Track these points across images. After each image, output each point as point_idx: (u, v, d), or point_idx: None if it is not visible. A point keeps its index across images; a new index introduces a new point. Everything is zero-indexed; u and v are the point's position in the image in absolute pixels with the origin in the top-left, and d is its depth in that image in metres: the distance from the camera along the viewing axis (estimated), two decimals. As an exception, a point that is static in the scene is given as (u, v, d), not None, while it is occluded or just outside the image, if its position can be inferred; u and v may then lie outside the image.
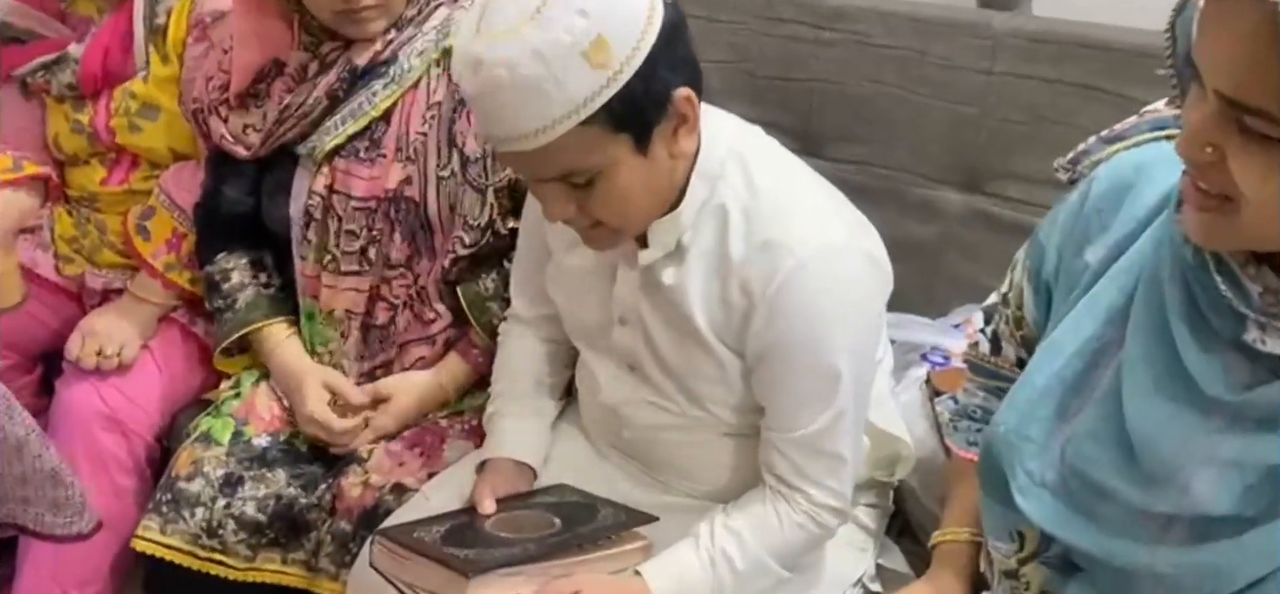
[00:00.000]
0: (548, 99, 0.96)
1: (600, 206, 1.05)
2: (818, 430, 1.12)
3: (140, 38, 1.56)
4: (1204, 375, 0.81)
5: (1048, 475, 0.92)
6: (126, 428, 1.56)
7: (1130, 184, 0.93)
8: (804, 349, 1.09)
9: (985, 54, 1.60)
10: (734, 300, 1.10)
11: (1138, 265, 0.90)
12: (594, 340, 1.25)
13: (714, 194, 1.10)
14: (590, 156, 1.01)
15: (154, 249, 1.59)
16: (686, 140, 1.06)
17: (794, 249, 1.06)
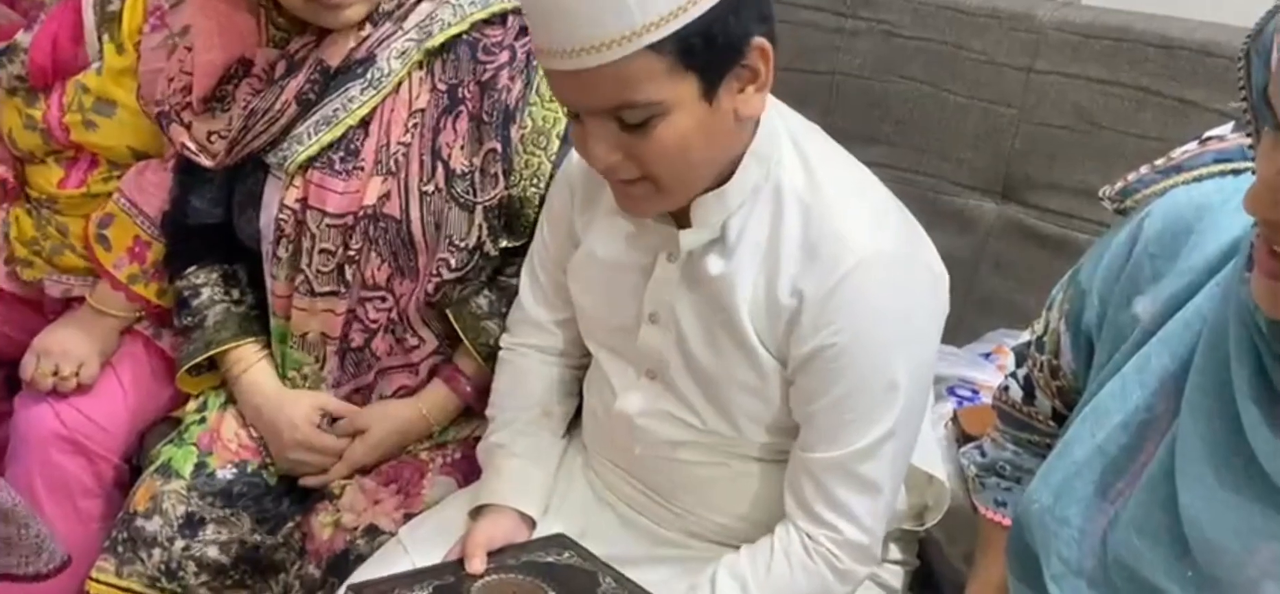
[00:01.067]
0: (620, 9, 0.91)
1: (651, 154, 0.98)
2: (858, 451, 1.05)
3: (91, 25, 1.50)
4: (1275, 465, 0.73)
5: (1086, 564, 0.86)
6: (89, 451, 1.52)
7: (1189, 227, 0.86)
8: (858, 357, 1.03)
9: (1027, 49, 1.52)
10: (783, 300, 1.04)
11: (1196, 326, 0.82)
12: (615, 343, 1.18)
13: (769, 178, 1.05)
14: (652, 91, 0.95)
15: (115, 258, 1.53)
16: (755, 100, 1.00)
17: (855, 248, 1.01)
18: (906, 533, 1.25)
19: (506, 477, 1.23)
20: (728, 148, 1.02)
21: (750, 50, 0.97)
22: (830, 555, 1.07)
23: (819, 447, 1.06)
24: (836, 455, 1.05)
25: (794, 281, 1.03)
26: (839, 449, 1.05)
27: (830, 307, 1.01)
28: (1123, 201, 0.95)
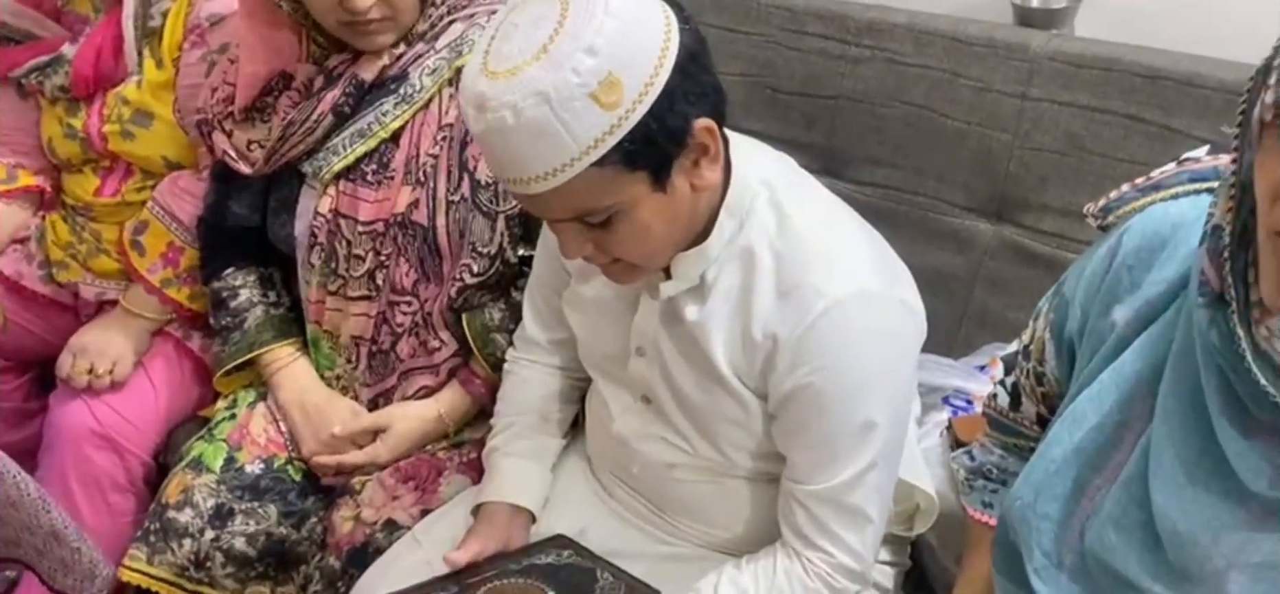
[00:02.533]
0: (556, 142, 0.92)
1: (618, 245, 1.01)
2: (843, 484, 1.07)
3: (131, 39, 1.55)
4: (1244, 467, 0.77)
5: (1066, 558, 0.88)
6: (121, 447, 1.56)
7: (1165, 241, 0.89)
8: (834, 398, 1.04)
9: (1021, 77, 1.54)
10: (758, 342, 1.05)
11: (1169, 335, 0.85)
12: (609, 369, 1.22)
13: (743, 231, 1.06)
14: (606, 197, 0.96)
15: (149, 263, 1.57)
16: (709, 171, 1.01)
17: (824, 292, 1.02)
18: (897, 537, 1.28)
19: (505, 475, 1.26)
20: (694, 216, 1.03)
21: (693, 134, 0.97)
22: (827, 576, 1.10)
23: (806, 480, 1.08)
24: (823, 488, 1.07)
25: (767, 324, 1.04)
26: (825, 482, 1.07)
27: (804, 349, 1.02)
28: (1105, 218, 0.97)
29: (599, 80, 0.91)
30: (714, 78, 1.00)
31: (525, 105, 0.90)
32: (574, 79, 0.90)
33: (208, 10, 1.52)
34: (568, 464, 1.34)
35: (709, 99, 0.98)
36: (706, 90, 0.98)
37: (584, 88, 0.90)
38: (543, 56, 0.90)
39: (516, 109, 0.91)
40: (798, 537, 1.10)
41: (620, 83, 0.91)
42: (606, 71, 0.91)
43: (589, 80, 0.90)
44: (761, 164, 1.09)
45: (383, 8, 1.29)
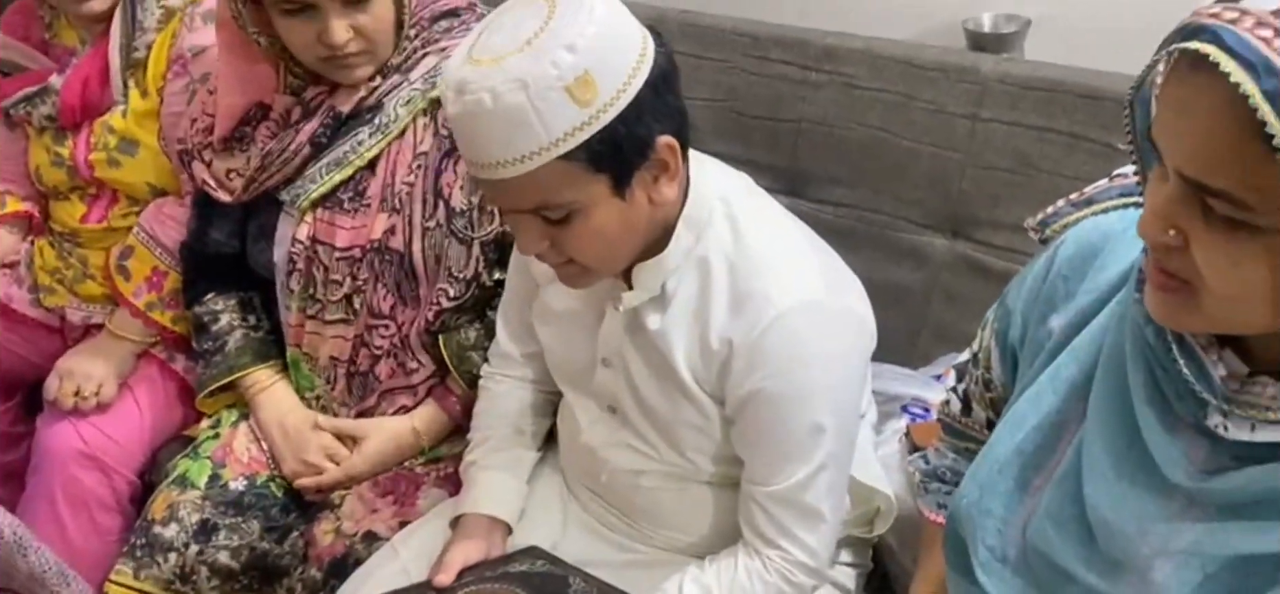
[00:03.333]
0: (528, 129, 0.95)
1: (573, 244, 1.04)
2: (797, 484, 1.11)
3: (116, 69, 1.57)
4: (1166, 459, 0.79)
5: (1009, 552, 0.90)
6: (106, 466, 1.57)
7: (1097, 251, 0.91)
8: (784, 401, 1.08)
9: (972, 99, 1.58)
10: (714, 348, 1.09)
11: (1100, 340, 0.88)
12: (577, 381, 1.24)
13: (700, 242, 1.09)
14: (567, 192, 1.00)
15: (134, 287, 1.59)
16: (667, 188, 1.05)
17: (775, 300, 1.06)
18: (858, 539, 1.31)
19: (481, 487, 1.29)
20: (649, 228, 1.07)
21: (656, 149, 1.01)
22: (785, 572, 1.13)
23: (763, 481, 1.12)
24: (778, 489, 1.11)
25: (723, 332, 1.08)
26: (780, 483, 1.10)
27: (757, 356, 1.06)
28: (1043, 231, 1.00)
29: (576, 76, 0.94)
30: (681, 103, 1.04)
31: (504, 90, 0.94)
32: (552, 71, 0.94)
33: (190, 41, 1.54)
34: (542, 476, 1.36)
35: (674, 120, 1.03)
36: (673, 112, 1.02)
37: (561, 80, 0.94)
38: (527, 48, 0.94)
39: (495, 93, 0.94)
40: (757, 536, 1.13)
41: (595, 83, 0.95)
42: (583, 69, 0.94)
43: (566, 74, 0.94)
44: (719, 180, 1.13)
45: (360, 42, 1.32)
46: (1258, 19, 0.64)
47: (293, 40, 1.34)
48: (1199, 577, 0.78)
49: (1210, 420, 0.76)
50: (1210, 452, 0.77)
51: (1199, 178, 0.68)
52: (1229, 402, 0.75)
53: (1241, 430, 0.75)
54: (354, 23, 1.30)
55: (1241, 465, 0.75)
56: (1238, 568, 0.76)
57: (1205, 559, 0.77)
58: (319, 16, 1.29)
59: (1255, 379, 0.75)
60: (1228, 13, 0.66)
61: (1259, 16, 0.65)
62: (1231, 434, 0.75)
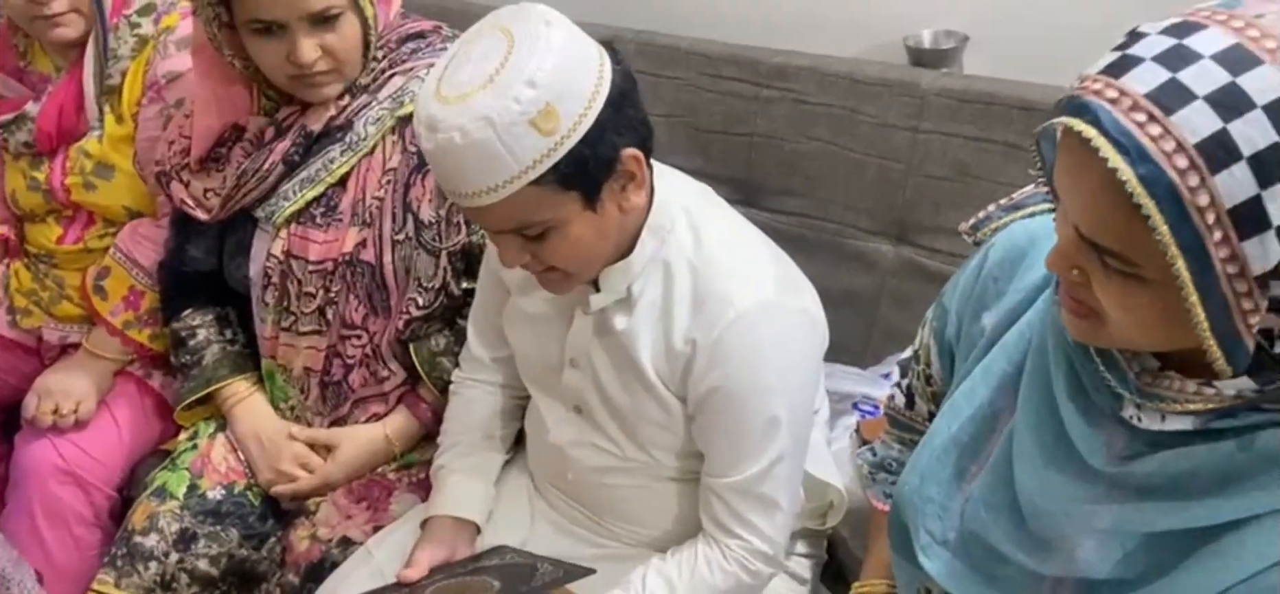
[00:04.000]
0: (499, 162, 0.99)
1: (552, 256, 1.08)
2: (754, 475, 1.14)
3: (91, 95, 1.58)
4: (1087, 447, 0.83)
5: (949, 536, 0.94)
6: (85, 482, 1.58)
7: (1024, 253, 0.95)
8: (742, 396, 1.12)
9: (913, 112, 1.63)
10: (678, 348, 1.13)
11: (1028, 336, 0.92)
12: (545, 382, 1.27)
13: (663, 247, 1.13)
14: (541, 212, 1.03)
15: (112, 307, 1.60)
16: (635, 195, 1.09)
17: (734, 301, 1.10)
18: (813, 531, 1.35)
19: (450, 490, 1.31)
20: (621, 234, 1.11)
21: (622, 162, 1.05)
22: (743, 560, 1.17)
23: (722, 473, 1.16)
24: (737, 480, 1.15)
25: (686, 332, 1.12)
26: (738, 474, 1.14)
27: (717, 354, 1.10)
28: (976, 234, 1.04)
29: (538, 109, 0.98)
30: (642, 113, 1.08)
31: (472, 128, 0.97)
32: (516, 107, 0.97)
33: (165, 68, 1.56)
34: (510, 478, 1.39)
35: (637, 132, 1.07)
36: (634, 124, 1.06)
37: (525, 115, 0.98)
38: (490, 86, 0.98)
39: (464, 131, 0.97)
40: (717, 526, 1.17)
41: (557, 112, 0.99)
42: (545, 102, 0.98)
43: (529, 108, 0.97)
44: (681, 190, 1.17)
45: (328, 61, 1.34)
46: (1134, 102, 0.68)
47: (263, 60, 1.36)
48: (1119, 553, 0.82)
49: (1125, 411, 0.81)
50: (1128, 439, 0.81)
51: (1090, 237, 0.73)
52: (1142, 395, 0.79)
53: (1153, 421, 0.79)
54: (322, 42, 1.32)
55: (1155, 450, 0.80)
56: (1153, 544, 0.80)
57: (1124, 537, 0.81)
58: (288, 37, 1.31)
59: (1165, 373, 0.79)
60: (1109, 91, 0.69)
61: (1135, 99, 0.68)
62: (1144, 424, 0.79)
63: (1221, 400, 0.75)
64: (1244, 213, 0.67)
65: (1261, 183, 0.66)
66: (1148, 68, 0.68)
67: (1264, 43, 0.67)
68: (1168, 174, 0.67)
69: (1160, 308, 0.72)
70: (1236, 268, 0.68)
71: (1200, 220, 0.67)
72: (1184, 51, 0.68)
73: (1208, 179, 0.66)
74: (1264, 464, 0.75)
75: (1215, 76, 0.67)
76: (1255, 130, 0.66)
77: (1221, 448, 0.76)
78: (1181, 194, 0.67)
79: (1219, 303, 0.69)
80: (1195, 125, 0.66)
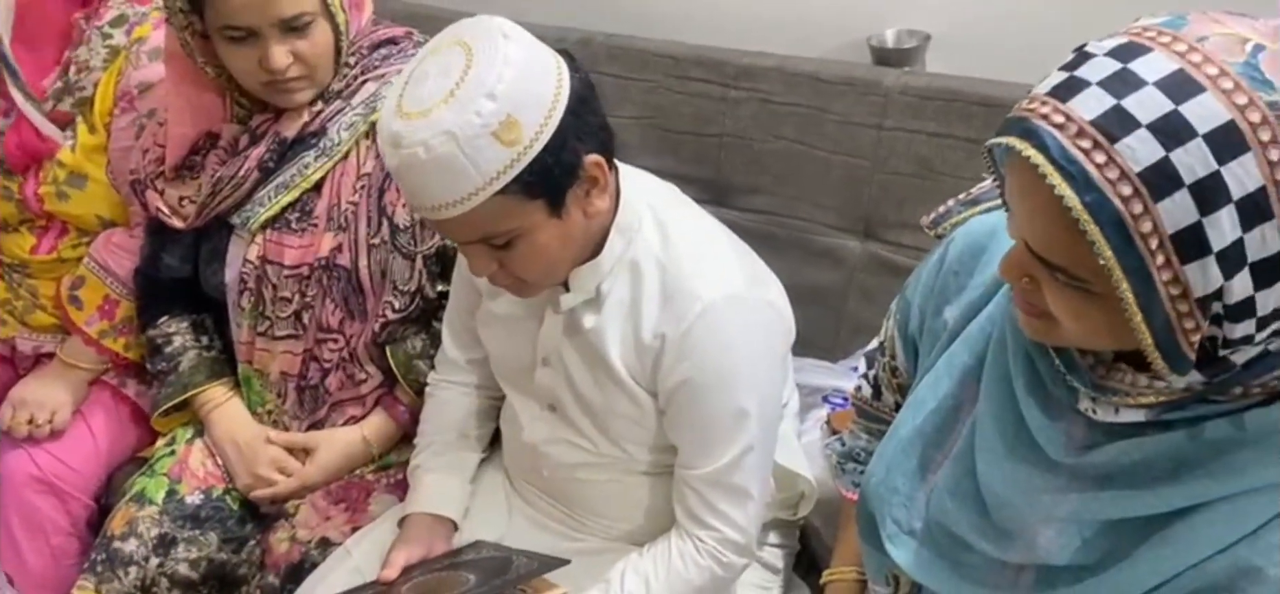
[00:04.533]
0: (462, 174, 0.99)
1: (519, 264, 1.08)
2: (725, 466, 1.15)
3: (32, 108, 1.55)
4: (1047, 440, 0.85)
5: (914, 525, 0.95)
6: (62, 492, 1.56)
7: (983, 248, 0.97)
8: (711, 389, 1.13)
9: (877, 111, 1.64)
10: (647, 343, 1.13)
11: (988, 329, 0.94)
12: (518, 381, 1.28)
13: (631, 247, 1.14)
14: (507, 222, 1.04)
15: (87, 316, 1.59)
16: (599, 200, 1.09)
17: (701, 295, 1.11)
18: (785, 521, 1.37)
19: (427, 488, 1.32)
20: (587, 238, 1.11)
21: (584, 168, 1.05)
22: (716, 552, 1.18)
23: (693, 465, 1.17)
24: (708, 471, 1.16)
25: (655, 327, 1.13)
26: (710, 465, 1.15)
27: (686, 347, 1.11)
28: (936, 228, 1.06)
29: (499, 121, 0.98)
30: (602, 118, 1.09)
31: (435, 142, 0.98)
32: (477, 120, 0.98)
33: (137, 78, 1.54)
34: (486, 476, 1.39)
35: (598, 137, 1.07)
36: (595, 129, 1.07)
37: (486, 127, 0.98)
38: (450, 100, 0.98)
39: (427, 146, 0.98)
40: (690, 518, 1.18)
41: (518, 123, 0.99)
42: (506, 114, 0.98)
43: (490, 121, 0.98)
44: (647, 189, 1.18)
45: (299, 67, 1.34)
46: (1079, 128, 0.69)
47: (236, 66, 1.35)
48: (1078, 541, 0.83)
49: (1081, 404, 0.82)
50: (1085, 431, 0.83)
51: (1039, 253, 0.75)
52: (1096, 389, 0.81)
53: (1107, 413, 0.81)
54: (293, 48, 1.32)
55: (1111, 441, 0.81)
56: (1110, 531, 0.82)
57: (1083, 525, 0.83)
58: (260, 43, 1.31)
59: (1118, 367, 0.81)
60: (1056, 116, 0.70)
61: (1081, 125, 0.69)
62: (1100, 416, 0.81)
63: (1171, 394, 0.77)
64: (1186, 238, 0.68)
65: (1202, 210, 0.68)
66: (1094, 93, 0.69)
67: (1206, 69, 0.68)
68: (1113, 202, 0.68)
69: (1107, 318, 0.74)
70: (1179, 290, 0.70)
71: (1144, 246, 0.69)
72: (1129, 77, 0.69)
73: (1151, 206, 0.68)
74: (1212, 453, 0.77)
75: (1158, 104, 0.68)
76: (1196, 159, 0.67)
77: (1172, 438, 0.78)
78: (1126, 221, 0.68)
79: (1162, 321, 0.71)
80: (1139, 154, 0.68)
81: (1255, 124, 0.67)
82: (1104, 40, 0.72)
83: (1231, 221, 0.68)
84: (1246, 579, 0.76)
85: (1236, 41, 0.69)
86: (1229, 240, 0.68)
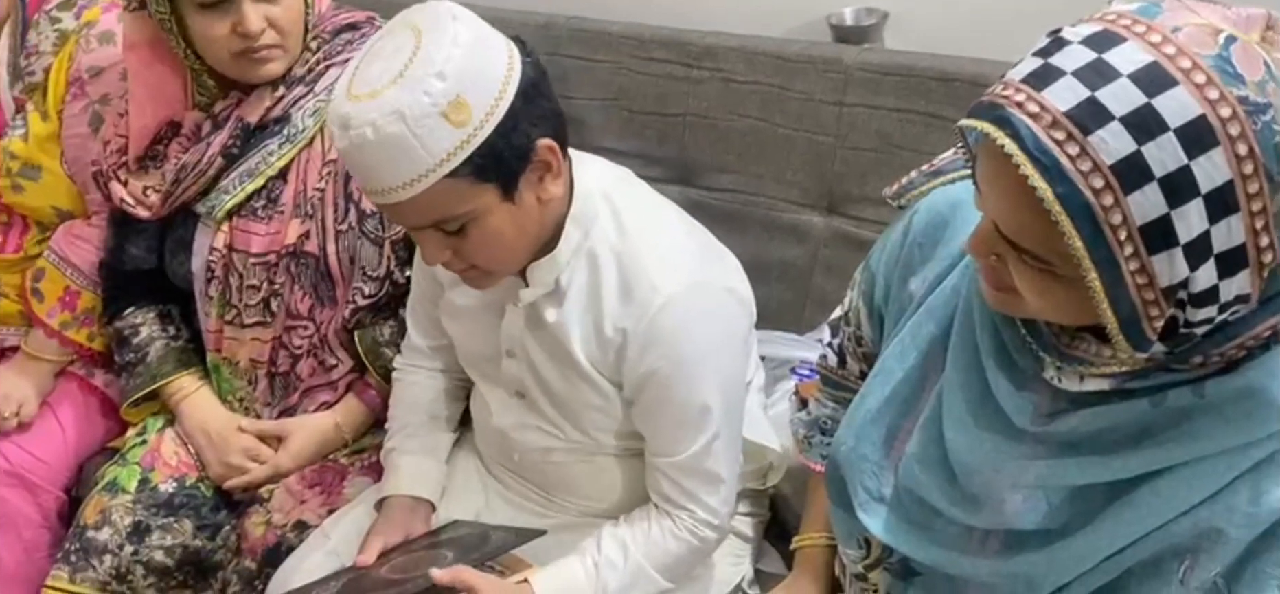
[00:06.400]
0: (412, 155, 0.97)
1: (473, 251, 1.06)
2: (695, 453, 1.15)
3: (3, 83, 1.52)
4: (1013, 408, 0.85)
5: (885, 491, 0.96)
6: (32, 484, 1.53)
7: (946, 220, 0.96)
8: (676, 381, 1.12)
9: (837, 87, 1.64)
10: (609, 336, 1.12)
11: (953, 299, 0.94)
12: (485, 370, 1.27)
13: (588, 238, 1.12)
14: (459, 206, 1.02)
15: (48, 308, 1.55)
16: (553, 185, 1.07)
17: (660, 287, 1.10)
18: (755, 491, 1.37)
19: (403, 471, 1.30)
20: (541, 226, 1.09)
21: (537, 152, 1.03)
22: (692, 529, 1.18)
23: (665, 453, 1.16)
24: (680, 459, 1.15)
25: (616, 321, 1.11)
26: (680, 454, 1.15)
27: (649, 339, 1.10)
28: (900, 199, 1.05)
29: (448, 101, 0.97)
30: (555, 104, 1.07)
31: (383, 123, 0.96)
32: (426, 99, 0.96)
33: (88, 62, 1.50)
34: (460, 457, 1.38)
35: (550, 122, 1.05)
36: (547, 114, 1.05)
37: (435, 107, 0.96)
38: (399, 80, 0.96)
39: (376, 126, 0.96)
40: (665, 501, 1.18)
41: (468, 104, 0.97)
42: (455, 94, 0.97)
43: (439, 101, 0.96)
44: (601, 177, 1.16)
45: (273, 34, 1.32)
46: (1053, 119, 0.68)
47: (210, 35, 1.31)
48: (1044, 506, 0.84)
49: (1046, 373, 0.83)
50: (1051, 399, 0.83)
51: (1008, 236, 0.74)
52: (1061, 358, 0.82)
53: (1072, 382, 0.81)
54: (267, 14, 1.30)
55: (1076, 409, 0.82)
56: (1074, 496, 0.83)
57: (1049, 490, 0.84)
58: (234, 8, 1.28)
59: (1082, 336, 0.82)
60: (1031, 105, 0.69)
61: (1055, 116, 0.68)
62: (1064, 385, 0.82)
63: (1134, 363, 0.78)
64: (1154, 230, 0.68)
65: (1171, 203, 0.68)
66: (1068, 83, 0.69)
67: (1179, 61, 0.68)
68: (1084, 193, 0.68)
69: (1072, 298, 0.74)
70: (1145, 279, 0.70)
71: (1113, 236, 0.69)
72: (1103, 68, 0.69)
73: (1121, 199, 0.68)
74: (1174, 420, 0.78)
75: (1132, 97, 0.67)
76: (1166, 153, 0.67)
77: (1135, 406, 0.79)
78: (1096, 212, 0.68)
79: (1128, 307, 0.71)
80: (1111, 147, 0.67)
81: (1225, 119, 0.67)
82: (1080, 26, 0.72)
83: (1199, 214, 0.68)
84: (1207, 540, 0.78)
85: (1209, 33, 0.68)
86: (1196, 233, 0.68)
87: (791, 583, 1.18)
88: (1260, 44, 0.68)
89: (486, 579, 1.13)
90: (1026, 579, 0.86)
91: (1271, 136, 0.67)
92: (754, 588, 1.34)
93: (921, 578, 0.94)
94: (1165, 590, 0.79)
